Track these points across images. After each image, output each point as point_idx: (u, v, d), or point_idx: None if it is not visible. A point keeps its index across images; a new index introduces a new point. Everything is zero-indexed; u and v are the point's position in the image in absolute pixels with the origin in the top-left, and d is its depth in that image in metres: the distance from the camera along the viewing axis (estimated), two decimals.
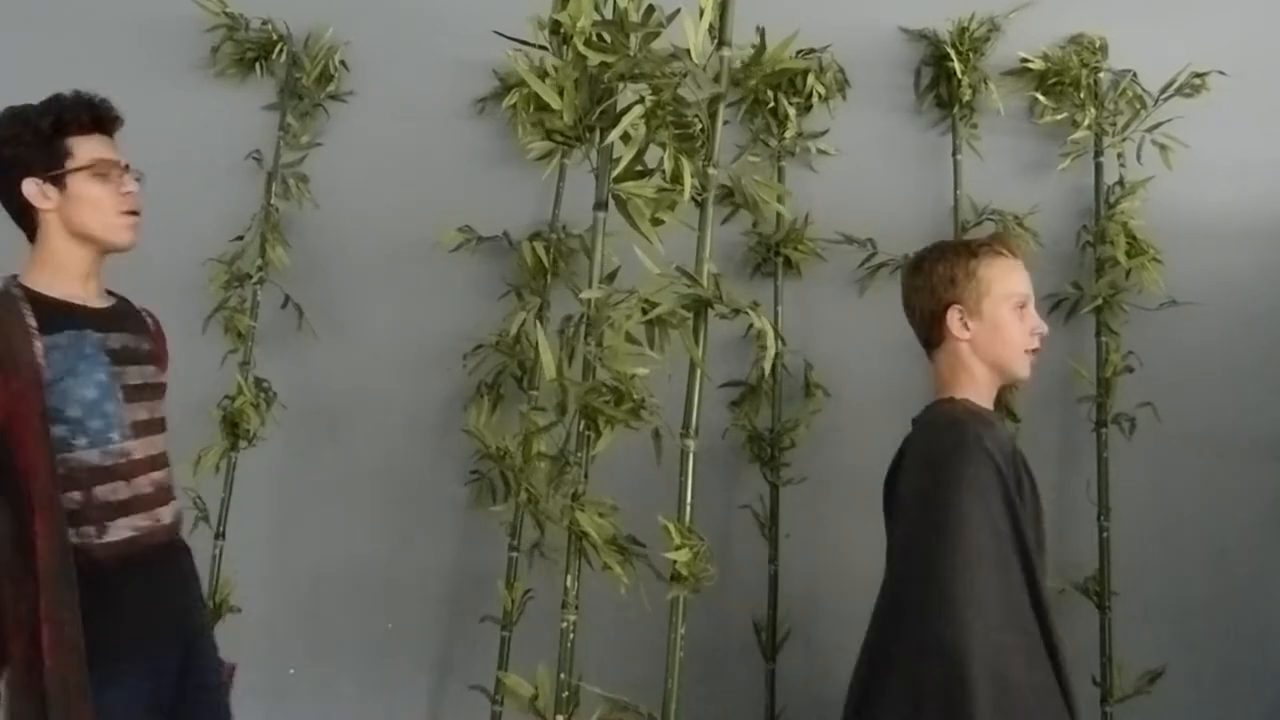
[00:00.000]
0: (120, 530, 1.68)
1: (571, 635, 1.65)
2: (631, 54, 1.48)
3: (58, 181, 1.66)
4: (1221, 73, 2.41)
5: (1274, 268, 2.47)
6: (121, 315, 1.80)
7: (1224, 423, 2.45)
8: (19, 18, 2.64)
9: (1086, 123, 2.47)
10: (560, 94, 1.53)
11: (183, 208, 2.58)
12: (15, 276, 1.70)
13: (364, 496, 2.58)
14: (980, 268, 1.70)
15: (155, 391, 1.79)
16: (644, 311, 1.50)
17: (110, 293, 1.83)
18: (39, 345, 1.61)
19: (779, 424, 2.47)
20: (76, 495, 1.64)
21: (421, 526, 2.56)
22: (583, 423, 1.61)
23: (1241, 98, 2.44)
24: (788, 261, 2.51)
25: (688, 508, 1.58)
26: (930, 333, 1.77)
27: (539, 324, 2.33)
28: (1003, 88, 2.52)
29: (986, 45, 2.53)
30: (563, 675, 1.64)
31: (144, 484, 1.72)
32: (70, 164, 1.67)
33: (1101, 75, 2.51)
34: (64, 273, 1.70)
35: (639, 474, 1.77)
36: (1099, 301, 2.41)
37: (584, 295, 1.57)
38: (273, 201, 2.55)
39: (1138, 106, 2.48)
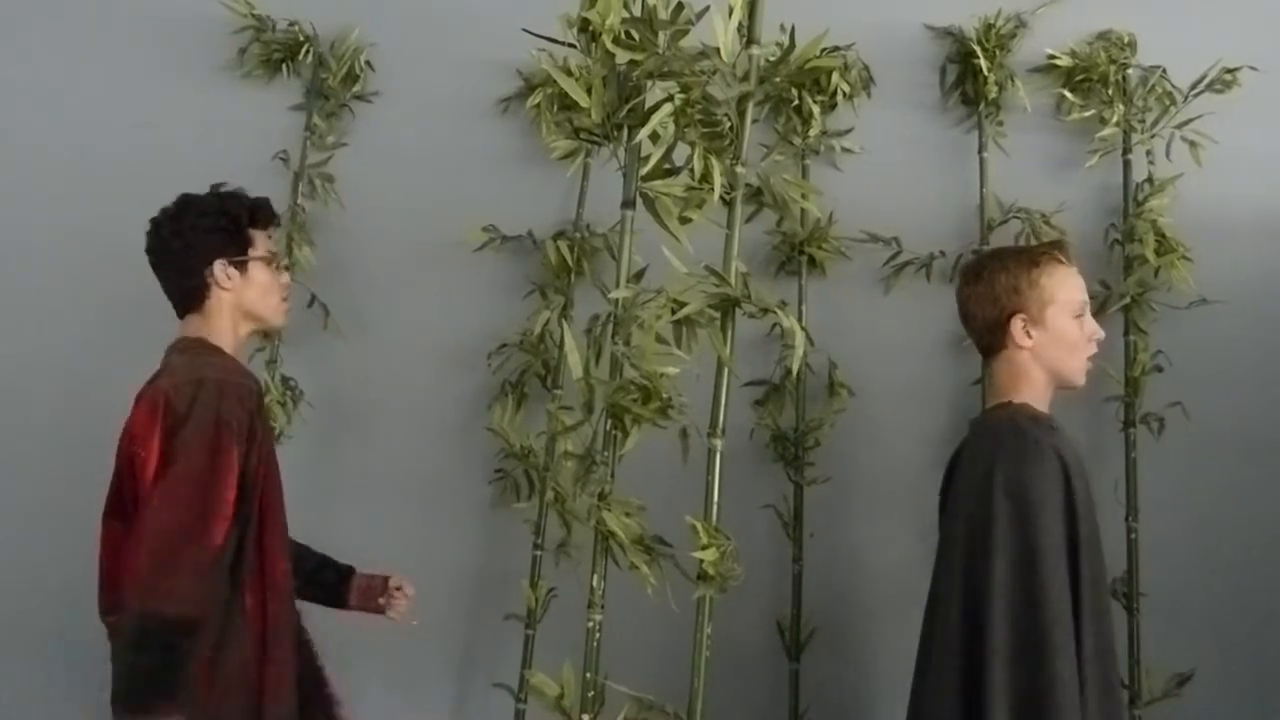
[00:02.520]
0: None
1: (598, 635, 1.65)
2: (660, 52, 1.48)
3: (241, 266, 1.84)
4: (1253, 68, 2.38)
5: None
6: None
7: (1254, 423, 2.42)
8: (47, 19, 2.67)
9: (1115, 119, 2.44)
10: (588, 92, 1.53)
11: None
12: (202, 339, 1.85)
13: (389, 494, 2.59)
14: (1043, 277, 1.75)
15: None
16: (672, 311, 1.49)
17: None
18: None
19: (803, 423, 2.46)
20: None
21: (445, 525, 2.57)
22: (609, 422, 1.61)
23: (1273, 93, 2.41)
24: (812, 260, 2.50)
25: (714, 507, 1.57)
26: (991, 340, 1.80)
27: (565, 323, 2.33)
28: (1029, 85, 2.50)
29: (1013, 42, 2.51)
30: (588, 674, 1.64)
31: None
32: (253, 252, 1.86)
33: (1130, 71, 2.48)
34: (230, 349, 1.86)
35: (662, 474, 1.76)
36: (1127, 300, 2.39)
37: (613, 295, 1.57)
38: (299, 201, 2.57)
39: (1167, 103, 2.46)
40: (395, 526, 2.58)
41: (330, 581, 2.08)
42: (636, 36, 1.50)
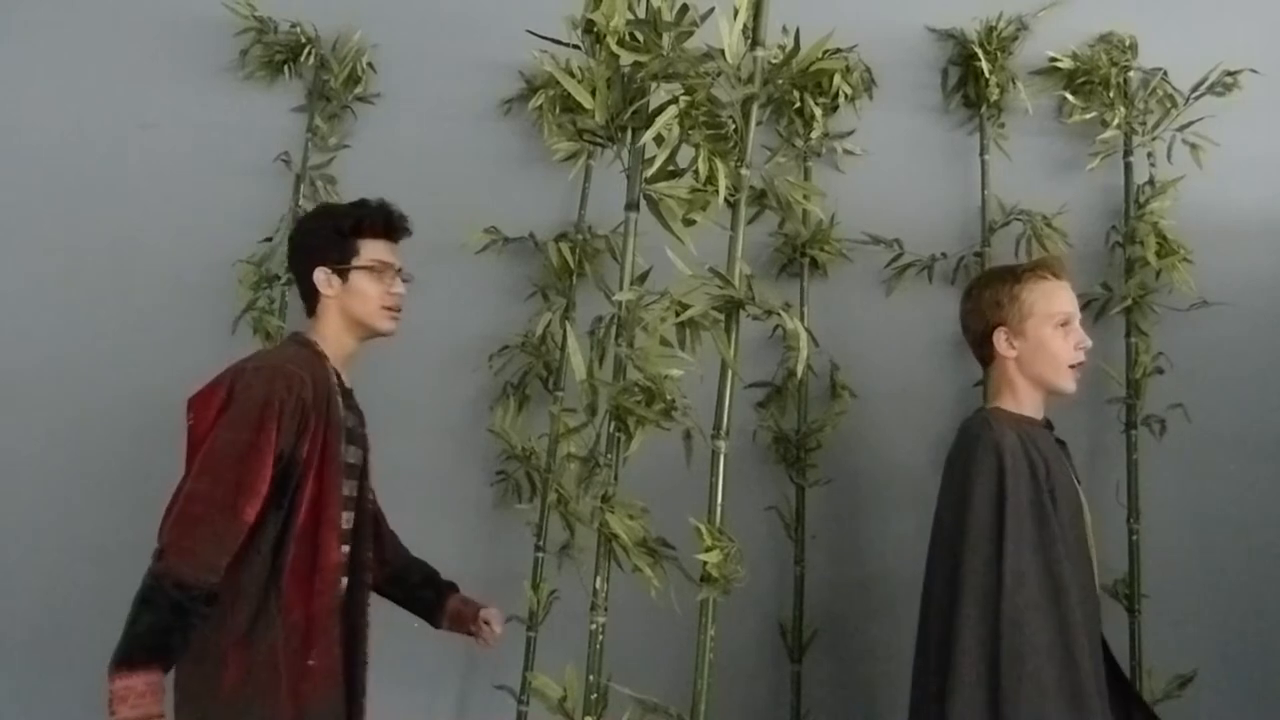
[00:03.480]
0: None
1: (601, 637, 1.65)
2: (665, 54, 1.48)
3: (343, 274, 1.89)
4: (1254, 70, 2.38)
5: None
6: (352, 397, 1.97)
7: (1256, 424, 2.43)
8: (50, 20, 2.67)
9: (1116, 122, 2.45)
10: (593, 94, 1.53)
11: (212, 209, 2.62)
12: (304, 335, 1.91)
13: (390, 495, 2.57)
14: (1023, 291, 1.88)
15: (353, 472, 1.92)
16: (677, 313, 1.49)
17: None
18: (341, 401, 1.84)
19: (805, 425, 2.46)
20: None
21: (447, 526, 2.56)
22: (613, 424, 1.61)
23: (1274, 95, 2.42)
24: (814, 262, 2.51)
25: (718, 509, 1.57)
26: (982, 351, 1.95)
27: (568, 325, 2.34)
28: (1031, 87, 2.51)
29: (1014, 44, 2.52)
30: (591, 677, 1.64)
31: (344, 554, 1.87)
32: (356, 261, 1.90)
33: (1131, 74, 2.49)
34: (332, 349, 1.90)
35: (663, 475, 1.77)
36: (1129, 302, 2.39)
37: (617, 297, 1.57)
38: (301, 203, 2.57)
39: (1168, 105, 2.46)
40: (397, 527, 2.56)
41: (428, 600, 2.14)
42: (641, 38, 1.50)
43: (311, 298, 1.93)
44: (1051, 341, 1.85)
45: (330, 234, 1.90)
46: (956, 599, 1.70)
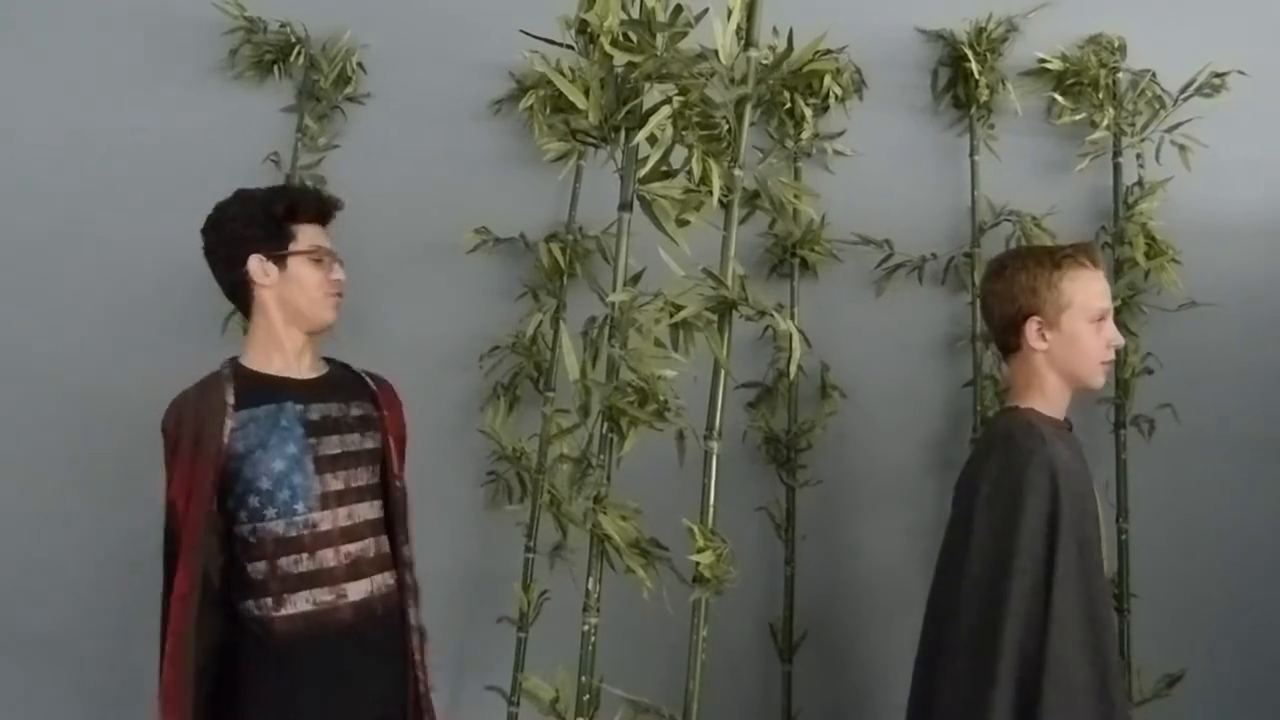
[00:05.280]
0: (297, 603, 1.71)
1: (593, 638, 1.65)
2: (659, 54, 1.48)
3: (280, 261, 1.78)
4: (1241, 72, 2.40)
5: None
6: (332, 385, 1.86)
7: (1244, 424, 2.45)
8: (38, 19, 2.65)
9: (1105, 123, 2.46)
10: (586, 94, 1.52)
11: (201, 210, 2.58)
12: (236, 358, 1.82)
13: None
14: (1064, 280, 1.72)
15: (358, 459, 1.82)
16: (671, 314, 1.49)
17: (332, 361, 1.92)
18: (229, 423, 1.70)
19: (795, 426, 2.46)
20: (262, 566, 1.71)
21: (437, 527, 2.54)
22: (606, 425, 1.60)
23: (1262, 98, 2.43)
24: (804, 263, 2.51)
25: (710, 510, 1.57)
26: (1007, 339, 1.78)
27: (561, 325, 2.33)
28: (1020, 88, 2.52)
29: (1004, 45, 2.53)
30: (583, 677, 1.64)
31: (329, 556, 1.75)
32: (293, 246, 1.79)
33: (1120, 75, 2.50)
34: (275, 347, 1.81)
35: (654, 476, 1.77)
36: (1118, 303, 2.39)
37: (611, 298, 1.56)
38: None
39: (1156, 107, 2.48)
40: None
41: None
42: (634, 38, 1.50)
43: (243, 292, 1.81)
44: (1086, 337, 1.72)
45: (262, 219, 1.78)
46: (999, 623, 1.60)
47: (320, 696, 1.72)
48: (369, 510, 1.82)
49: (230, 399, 1.73)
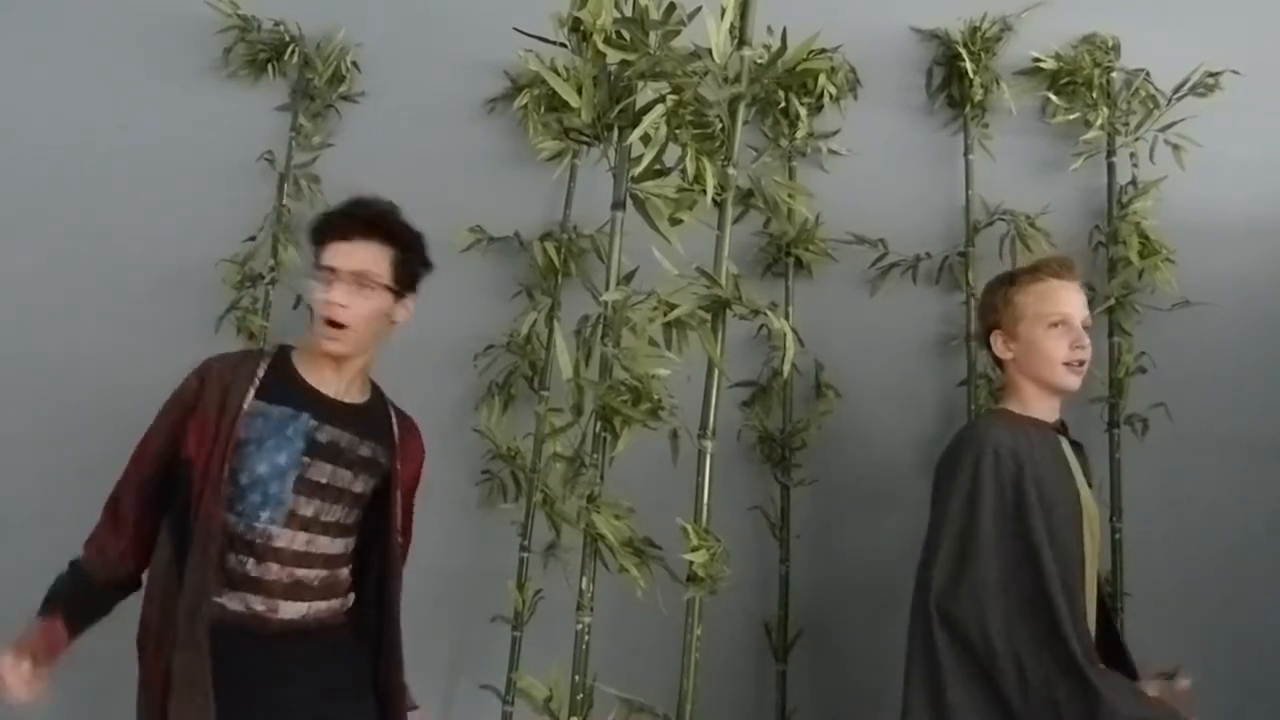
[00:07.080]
0: (230, 600, 1.70)
1: (587, 637, 1.65)
2: (652, 52, 1.48)
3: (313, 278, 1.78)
4: (1235, 72, 2.40)
5: None
6: (356, 417, 1.83)
7: (1237, 423, 2.45)
8: (33, 19, 2.64)
9: (1099, 122, 2.46)
10: (579, 92, 1.52)
11: (195, 208, 2.60)
12: (291, 346, 1.85)
13: None
14: (1016, 294, 1.91)
15: (339, 497, 1.78)
16: (664, 313, 1.49)
17: (378, 396, 1.93)
18: (246, 406, 1.71)
19: (789, 425, 2.46)
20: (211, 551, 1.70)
21: (432, 526, 2.53)
22: (599, 424, 1.60)
23: (1255, 97, 2.44)
24: (799, 262, 2.51)
25: (704, 509, 1.57)
26: (989, 353, 1.99)
27: (555, 324, 2.33)
28: (1015, 87, 2.52)
29: (998, 45, 2.53)
30: (577, 676, 1.64)
31: (274, 571, 1.72)
32: (315, 263, 1.79)
33: (1114, 75, 2.51)
34: (308, 362, 1.81)
35: (648, 475, 1.77)
36: (1112, 302, 2.41)
37: (604, 297, 1.56)
38: (285, 202, 2.56)
39: (1150, 106, 2.48)
40: None
41: None
42: (628, 37, 1.50)
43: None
44: (1043, 342, 1.86)
45: (310, 236, 1.83)
46: (924, 586, 1.75)
47: (231, 693, 1.66)
48: (330, 545, 1.79)
49: (259, 378, 1.75)
